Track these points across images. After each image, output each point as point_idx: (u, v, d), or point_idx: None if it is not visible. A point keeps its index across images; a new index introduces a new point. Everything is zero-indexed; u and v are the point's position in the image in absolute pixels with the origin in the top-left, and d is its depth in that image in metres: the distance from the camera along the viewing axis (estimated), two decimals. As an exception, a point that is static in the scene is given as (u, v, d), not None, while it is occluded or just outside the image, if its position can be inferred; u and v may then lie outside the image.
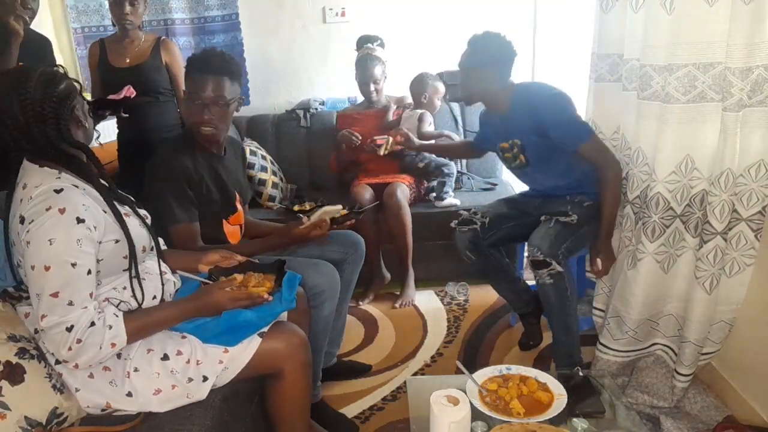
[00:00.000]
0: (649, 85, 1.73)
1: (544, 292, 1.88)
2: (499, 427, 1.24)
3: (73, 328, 1.17)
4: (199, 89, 1.71)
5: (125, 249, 1.30)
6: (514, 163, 2.13)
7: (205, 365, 1.33)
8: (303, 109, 3.31)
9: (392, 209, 2.61)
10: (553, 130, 1.94)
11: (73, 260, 1.17)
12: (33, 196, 1.20)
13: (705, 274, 1.68)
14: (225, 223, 1.87)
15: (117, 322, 1.23)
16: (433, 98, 2.87)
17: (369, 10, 3.32)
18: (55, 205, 1.18)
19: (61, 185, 1.22)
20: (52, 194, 1.19)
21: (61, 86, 1.26)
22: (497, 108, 2.10)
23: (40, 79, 1.23)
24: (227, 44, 3.39)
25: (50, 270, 1.15)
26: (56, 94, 1.24)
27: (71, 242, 1.17)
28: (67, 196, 1.20)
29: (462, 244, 2.13)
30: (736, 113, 1.54)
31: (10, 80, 1.23)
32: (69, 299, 1.17)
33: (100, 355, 1.21)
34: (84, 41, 3.38)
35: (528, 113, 1.97)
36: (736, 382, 1.81)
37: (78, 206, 1.20)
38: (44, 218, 1.16)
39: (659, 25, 1.65)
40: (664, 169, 1.71)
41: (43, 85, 1.23)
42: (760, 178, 1.60)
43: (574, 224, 1.91)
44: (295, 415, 1.50)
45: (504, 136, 2.10)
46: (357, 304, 2.73)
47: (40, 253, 1.16)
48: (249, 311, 1.37)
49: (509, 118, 2.05)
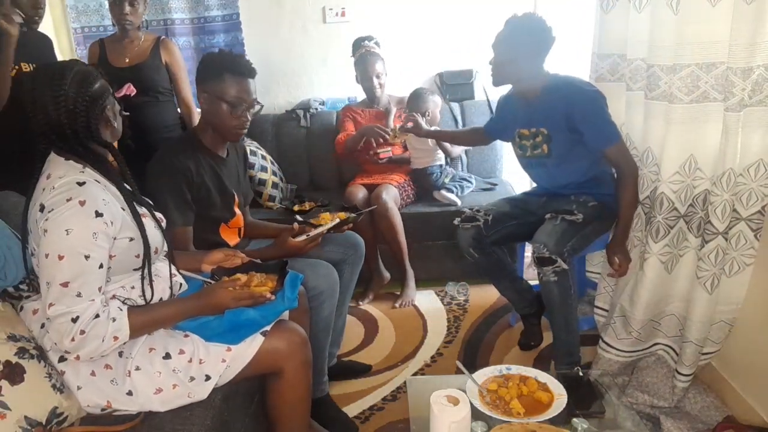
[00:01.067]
0: (657, 85, 1.73)
1: (548, 289, 1.88)
2: (499, 427, 1.24)
3: (78, 318, 1.18)
4: (244, 93, 1.72)
5: (138, 248, 1.31)
6: (533, 152, 2.08)
7: (208, 364, 1.33)
8: (303, 109, 3.31)
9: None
10: (585, 127, 1.91)
11: (87, 252, 1.19)
12: (55, 186, 1.22)
13: (706, 274, 1.68)
14: (223, 227, 1.87)
15: (121, 315, 1.24)
16: (435, 113, 2.87)
17: (369, 10, 3.32)
18: (75, 196, 1.20)
19: (84, 179, 1.25)
20: (74, 186, 1.22)
21: (95, 86, 1.29)
22: (525, 93, 2.04)
23: (76, 77, 1.27)
24: (227, 44, 3.39)
25: (63, 260, 1.17)
26: (89, 93, 1.27)
27: (87, 234, 1.19)
28: (88, 190, 1.22)
29: (465, 242, 2.12)
30: (738, 113, 1.54)
31: (47, 75, 1.26)
32: (78, 290, 1.18)
33: (102, 348, 1.22)
34: (84, 41, 3.38)
35: (563, 104, 1.93)
36: (736, 382, 1.81)
37: (98, 200, 1.22)
38: (64, 208, 1.18)
39: (665, 25, 1.65)
40: (669, 169, 1.71)
41: (78, 84, 1.26)
42: (760, 178, 1.60)
43: (579, 223, 1.91)
44: (295, 414, 1.50)
45: (527, 122, 2.06)
46: (357, 304, 2.73)
47: (56, 242, 1.17)
48: (251, 310, 1.37)
49: (538, 105, 2.01)
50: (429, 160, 2.88)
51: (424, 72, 3.42)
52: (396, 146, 2.97)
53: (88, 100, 1.27)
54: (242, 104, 1.72)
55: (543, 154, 2.05)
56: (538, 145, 2.05)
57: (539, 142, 2.04)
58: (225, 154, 1.87)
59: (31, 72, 1.28)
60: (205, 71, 1.74)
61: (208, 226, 1.81)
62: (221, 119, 1.73)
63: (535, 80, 1.99)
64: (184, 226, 1.73)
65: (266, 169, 3.00)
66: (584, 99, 1.92)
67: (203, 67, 1.75)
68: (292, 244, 1.80)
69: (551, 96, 1.97)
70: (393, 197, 2.70)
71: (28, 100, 1.26)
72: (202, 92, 1.75)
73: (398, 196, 2.76)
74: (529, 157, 2.12)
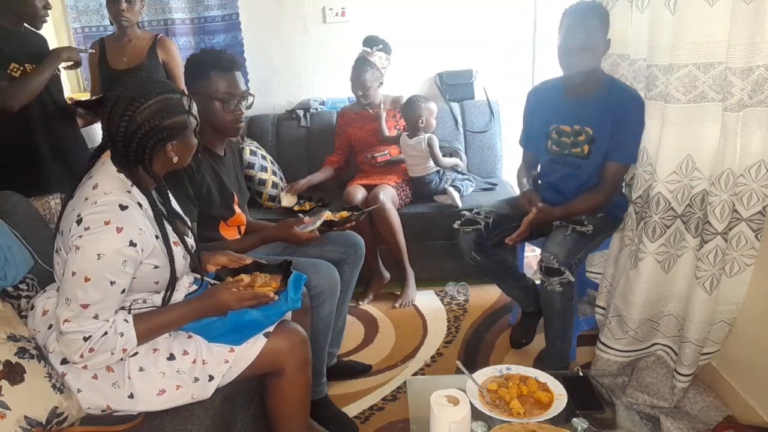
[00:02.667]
0: (654, 85, 1.73)
1: (550, 298, 1.88)
2: (499, 427, 1.24)
3: (90, 338, 1.20)
4: (233, 87, 1.73)
5: (160, 275, 1.31)
6: (572, 150, 1.98)
7: (211, 365, 1.33)
8: (303, 109, 3.31)
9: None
10: (622, 135, 1.86)
11: (114, 279, 1.19)
12: (98, 202, 1.20)
13: (705, 274, 1.68)
14: (222, 225, 1.87)
15: (128, 328, 1.25)
16: (429, 120, 2.85)
17: (369, 10, 3.32)
18: (115, 221, 1.18)
19: (127, 202, 1.23)
20: (116, 209, 1.20)
21: (168, 121, 1.26)
22: (580, 88, 1.92)
23: (156, 103, 1.24)
24: (227, 44, 3.39)
25: (89, 282, 1.17)
26: (157, 126, 1.24)
27: (118, 262, 1.18)
28: (128, 216, 1.21)
29: (466, 245, 2.09)
30: (737, 113, 1.54)
31: (135, 88, 1.24)
32: (96, 313, 1.20)
33: (112, 360, 1.24)
34: (84, 41, 3.37)
35: (616, 109, 1.86)
36: (736, 382, 1.81)
37: (135, 229, 1.21)
38: (101, 230, 1.17)
39: (662, 25, 1.65)
40: (665, 169, 1.71)
41: (152, 112, 1.24)
42: (761, 178, 1.60)
43: (588, 234, 1.90)
44: (295, 413, 1.50)
45: (570, 119, 1.97)
46: (357, 304, 2.73)
47: (85, 264, 1.17)
48: (255, 310, 1.37)
49: (588, 103, 1.92)
50: (424, 168, 2.86)
51: (424, 72, 3.42)
52: (393, 147, 2.97)
53: (150, 130, 1.23)
54: (233, 98, 1.73)
55: (582, 155, 1.97)
56: (579, 144, 1.96)
57: (581, 141, 1.96)
58: (223, 153, 1.88)
59: (130, 77, 1.27)
60: (191, 74, 1.76)
61: (208, 224, 1.82)
62: (217, 117, 1.74)
63: (596, 75, 1.90)
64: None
65: (266, 169, 3.00)
66: (639, 107, 1.84)
67: (188, 71, 1.77)
68: (295, 233, 1.82)
69: (604, 96, 1.90)
70: (391, 197, 2.70)
71: (111, 97, 1.25)
72: (193, 95, 1.75)
73: (396, 197, 2.76)
74: (566, 155, 2.01)
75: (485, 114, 3.23)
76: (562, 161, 2.04)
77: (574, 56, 1.85)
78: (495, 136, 3.23)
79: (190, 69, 1.76)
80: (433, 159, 2.83)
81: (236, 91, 1.73)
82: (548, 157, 2.09)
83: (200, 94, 1.71)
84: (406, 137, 2.84)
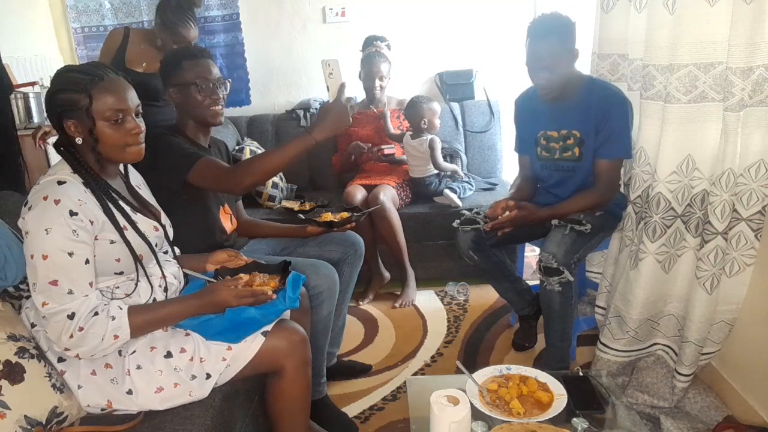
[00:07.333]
0: (652, 85, 1.73)
1: (550, 298, 1.88)
2: (499, 427, 1.24)
3: (75, 315, 1.19)
4: (205, 72, 1.76)
5: (119, 252, 1.30)
6: (563, 155, 2.00)
7: (209, 363, 1.33)
8: (303, 109, 3.31)
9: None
10: (608, 131, 1.87)
11: (70, 249, 1.19)
12: (40, 182, 1.24)
13: (705, 274, 1.68)
14: (221, 210, 1.88)
15: (120, 314, 1.24)
16: (432, 121, 2.85)
17: (369, 10, 3.32)
18: (52, 195, 1.20)
19: (66, 178, 1.25)
20: (53, 185, 1.22)
21: (61, 95, 1.27)
22: (561, 94, 1.93)
23: (58, 77, 1.29)
24: (227, 44, 3.40)
25: (48, 259, 1.18)
26: (49, 99, 1.28)
27: (67, 232, 1.19)
28: (66, 189, 1.22)
29: (465, 244, 2.10)
30: (737, 113, 1.54)
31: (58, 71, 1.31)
32: (68, 288, 1.19)
33: (102, 346, 1.22)
34: (84, 41, 3.38)
35: (597, 107, 1.88)
36: (736, 382, 1.81)
37: (73, 200, 1.22)
38: (40, 207, 1.19)
39: (661, 25, 1.65)
40: (666, 169, 1.71)
41: (53, 86, 1.28)
42: (760, 178, 1.60)
43: (587, 233, 1.90)
44: (295, 413, 1.50)
45: (555, 124, 1.99)
46: (357, 304, 2.73)
47: (38, 243, 1.18)
48: (253, 309, 1.37)
49: (570, 106, 1.94)
50: (425, 169, 2.86)
51: (424, 72, 3.42)
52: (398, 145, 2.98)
53: (47, 103, 1.29)
54: (207, 82, 1.76)
55: (574, 158, 1.98)
56: (569, 148, 1.97)
57: (570, 145, 1.97)
58: (207, 145, 1.89)
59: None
60: (166, 69, 1.80)
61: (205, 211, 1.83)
62: (194, 104, 1.77)
63: (572, 80, 1.92)
64: (206, 157, 1.71)
65: (266, 169, 3.00)
66: (620, 102, 1.87)
67: (163, 67, 1.82)
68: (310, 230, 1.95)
69: (586, 97, 1.91)
70: (391, 197, 2.71)
71: None
72: (170, 89, 1.80)
73: (396, 197, 2.76)
74: (557, 159, 2.03)
75: (485, 114, 3.23)
76: (555, 166, 2.06)
77: (541, 73, 1.89)
78: (495, 136, 3.23)
79: (165, 65, 1.81)
80: (433, 161, 2.83)
81: (208, 75, 1.77)
82: (540, 164, 2.11)
83: (177, 85, 1.77)
84: (409, 137, 2.85)
